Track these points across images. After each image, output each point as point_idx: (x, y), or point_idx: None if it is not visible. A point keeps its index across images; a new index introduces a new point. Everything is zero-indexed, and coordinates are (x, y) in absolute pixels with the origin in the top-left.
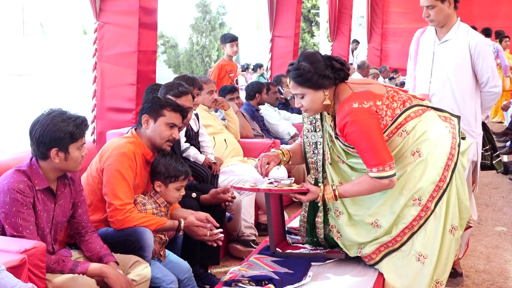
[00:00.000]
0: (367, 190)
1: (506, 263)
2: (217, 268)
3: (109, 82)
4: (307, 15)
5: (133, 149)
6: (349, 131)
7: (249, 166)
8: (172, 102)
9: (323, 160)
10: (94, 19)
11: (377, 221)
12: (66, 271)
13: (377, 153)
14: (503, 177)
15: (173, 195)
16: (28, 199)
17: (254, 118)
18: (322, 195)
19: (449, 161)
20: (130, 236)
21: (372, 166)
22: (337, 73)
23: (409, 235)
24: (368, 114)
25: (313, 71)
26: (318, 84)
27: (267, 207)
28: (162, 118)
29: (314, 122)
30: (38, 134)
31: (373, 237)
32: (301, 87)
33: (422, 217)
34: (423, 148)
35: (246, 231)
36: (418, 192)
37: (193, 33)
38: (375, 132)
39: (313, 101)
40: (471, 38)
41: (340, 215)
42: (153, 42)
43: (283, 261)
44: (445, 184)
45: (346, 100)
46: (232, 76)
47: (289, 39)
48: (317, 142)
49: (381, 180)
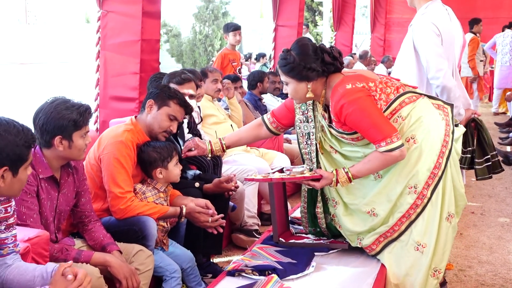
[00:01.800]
0: (380, 166)
1: (509, 254)
2: (220, 257)
3: (112, 71)
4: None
5: (131, 137)
6: (348, 111)
7: (252, 156)
8: (180, 96)
9: (316, 151)
10: (98, 8)
11: (373, 210)
12: (70, 260)
13: (380, 127)
14: (506, 168)
15: (175, 173)
16: (32, 187)
17: (257, 107)
18: (335, 179)
19: (444, 148)
20: (133, 225)
21: (379, 141)
22: (327, 66)
23: (407, 224)
24: (362, 93)
25: (298, 62)
26: (302, 76)
27: (270, 197)
28: (166, 108)
29: (306, 112)
30: (41, 122)
31: (370, 226)
32: (285, 75)
33: (419, 205)
34: (418, 134)
35: (249, 221)
36: (414, 179)
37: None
38: (373, 108)
39: (296, 91)
40: (414, 24)
41: (337, 205)
42: (157, 31)
43: (286, 251)
44: (440, 171)
45: (339, 83)
46: (235, 65)
47: (293, 28)
48: (309, 132)
49: (391, 153)
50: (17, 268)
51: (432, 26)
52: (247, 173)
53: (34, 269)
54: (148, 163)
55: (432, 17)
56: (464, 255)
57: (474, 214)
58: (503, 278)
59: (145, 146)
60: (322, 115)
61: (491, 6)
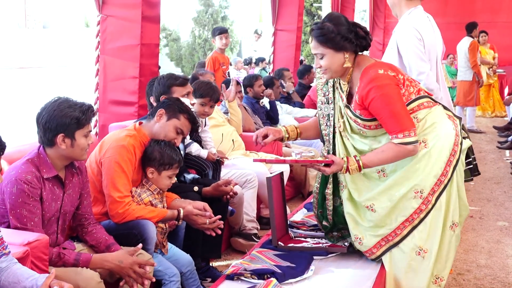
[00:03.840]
0: (391, 158)
1: (507, 258)
2: (219, 261)
3: (112, 75)
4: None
5: (133, 142)
6: (374, 96)
7: (251, 160)
8: (191, 113)
9: (333, 132)
10: (97, 12)
11: (372, 206)
12: (69, 264)
13: (401, 119)
14: (505, 172)
15: (165, 183)
16: (35, 190)
17: (255, 111)
18: (346, 166)
19: (452, 157)
20: (133, 229)
21: (397, 132)
22: (360, 40)
23: (410, 229)
24: (392, 81)
25: (336, 32)
26: (340, 46)
27: (269, 201)
28: (176, 120)
29: (327, 94)
30: (44, 120)
31: (369, 219)
32: (322, 46)
33: (423, 210)
34: (430, 139)
35: (248, 225)
36: (420, 185)
37: (195, 26)
38: (399, 99)
39: (333, 62)
40: (397, 29)
41: (343, 189)
42: (156, 35)
43: (285, 255)
44: (446, 179)
45: (371, 66)
46: (224, 68)
47: (292, 32)
48: (329, 114)
49: (405, 146)
50: (11, 275)
51: (414, 31)
52: (246, 177)
53: (26, 279)
54: (147, 158)
55: (414, 22)
56: (463, 259)
57: (472, 218)
58: (502, 282)
59: (156, 142)
60: (340, 96)
61: (490, 10)
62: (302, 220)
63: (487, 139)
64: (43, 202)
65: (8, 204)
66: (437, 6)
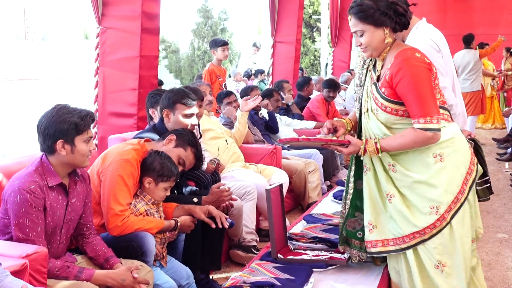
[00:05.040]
0: (410, 143)
1: (507, 270)
2: (218, 273)
3: (111, 87)
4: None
5: (136, 156)
6: (404, 76)
7: (251, 172)
8: (199, 149)
9: (360, 115)
10: (97, 24)
11: (391, 196)
12: (71, 277)
13: (425, 104)
14: (505, 184)
15: (160, 194)
16: (39, 200)
17: (254, 123)
18: (364, 148)
19: (468, 175)
20: (132, 241)
21: (419, 116)
22: (399, 17)
23: (419, 241)
24: (426, 67)
25: (375, 8)
26: (379, 21)
27: (268, 213)
28: (182, 150)
29: (361, 76)
30: (44, 126)
31: (381, 207)
32: (362, 23)
33: (437, 226)
34: (446, 154)
35: (247, 237)
36: (437, 201)
37: (194, 38)
38: (429, 84)
39: (373, 38)
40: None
41: (367, 171)
42: (155, 47)
43: (285, 267)
44: (463, 197)
45: (410, 48)
46: (221, 81)
47: (291, 44)
48: (360, 96)
49: (425, 132)
50: None
51: (432, 42)
52: (245, 189)
53: None
54: (146, 168)
55: (429, 33)
56: None
57: None
58: None
59: (156, 153)
60: (371, 77)
61: (488, 22)
62: (301, 232)
63: (486, 150)
64: (47, 211)
65: (11, 214)
66: (435, 18)
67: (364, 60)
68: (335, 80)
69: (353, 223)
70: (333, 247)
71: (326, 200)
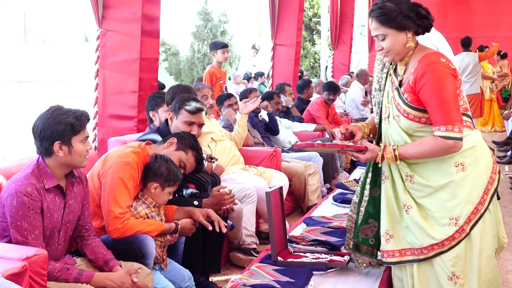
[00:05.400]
0: (429, 151)
1: (507, 273)
2: (218, 276)
3: (111, 89)
4: (308, 24)
5: (137, 159)
6: (428, 81)
7: (250, 174)
8: (200, 152)
9: (380, 120)
10: (97, 27)
11: (409, 207)
12: (71, 280)
13: (448, 111)
14: (505, 187)
15: (165, 198)
16: (36, 202)
17: (254, 125)
18: (381, 154)
19: (489, 185)
20: (132, 244)
21: (441, 123)
22: (421, 20)
23: (437, 253)
24: (451, 73)
25: (397, 11)
26: (402, 25)
27: (268, 215)
28: (183, 153)
29: (381, 80)
30: (39, 129)
31: (398, 217)
32: (384, 27)
33: (456, 238)
34: (468, 163)
35: (247, 240)
36: (456, 212)
37: (194, 40)
38: (452, 91)
39: (395, 42)
40: None
41: (385, 180)
42: (155, 49)
43: (285, 270)
44: (483, 208)
45: (434, 53)
46: (221, 83)
47: (291, 47)
48: (379, 101)
49: (446, 141)
50: None
51: (433, 46)
52: (245, 192)
53: None
54: (152, 173)
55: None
56: None
57: None
58: None
59: (162, 158)
60: (391, 82)
61: (488, 25)
62: (301, 235)
63: None
64: (45, 213)
65: (8, 217)
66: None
67: (384, 63)
68: (335, 83)
69: (366, 229)
70: (333, 250)
71: (326, 203)
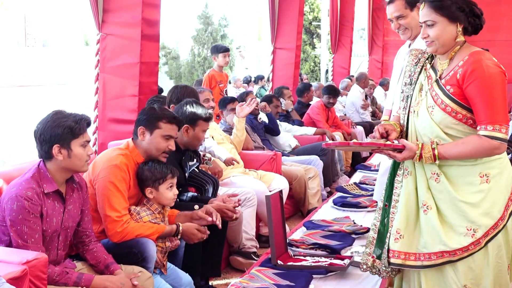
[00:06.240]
0: (472, 151)
1: None
2: (218, 280)
3: (111, 93)
4: (308, 27)
5: (125, 161)
6: (480, 76)
7: (250, 178)
8: (168, 114)
9: (408, 114)
10: (97, 31)
11: (428, 207)
12: (70, 283)
13: (496, 110)
14: None
15: (167, 196)
16: (36, 207)
17: (254, 128)
18: (419, 153)
19: (510, 201)
20: (133, 247)
21: (487, 122)
22: (474, 18)
23: (445, 261)
24: (502, 72)
25: (453, 0)
26: (455, 16)
27: (268, 219)
28: (158, 130)
29: (413, 74)
30: (39, 132)
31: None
32: (436, 13)
33: (470, 250)
34: (493, 174)
35: (247, 243)
36: (476, 223)
37: (194, 44)
38: (502, 90)
39: (443, 33)
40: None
41: (408, 175)
42: (155, 53)
43: (285, 273)
44: (502, 223)
45: (484, 52)
46: (222, 86)
47: (291, 51)
48: (408, 95)
49: (491, 141)
50: None
51: None
52: (245, 195)
53: None
54: (140, 180)
55: None
56: None
57: None
58: None
59: (143, 164)
60: (427, 76)
61: (489, 28)
62: (301, 239)
63: None
64: (44, 218)
65: (8, 220)
66: None
67: (419, 58)
68: (335, 86)
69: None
70: (333, 254)
71: (326, 207)
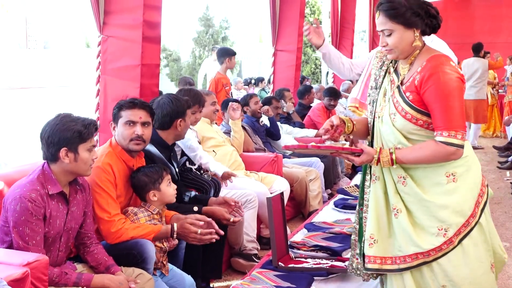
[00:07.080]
0: (428, 157)
1: (509, 278)
2: (219, 282)
3: (112, 95)
4: None
5: (108, 161)
6: (436, 82)
7: (252, 180)
8: (125, 101)
9: (373, 119)
10: (98, 33)
11: (398, 211)
12: (70, 284)
13: (453, 116)
14: (506, 192)
15: (169, 193)
16: (39, 209)
17: (255, 130)
18: (377, 157)
19: (480, 198)
20: (132, 249)
21: (443, 128)
22: (430, 19)
23: (421, 262)
24: (459, 78)
25: (407, 6)
26: (410, 22)
27: (269, 221)
28: (120, 119)
29: (377, 78)
30: (47, 134)
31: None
32: (391, 22)
33: (443, 249)
34: (459, 173)
35: (248, 245)
36: (446, 222)
37: (195, 46)
38: (459, 96)
39: (401, 40)
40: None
41: (376, 180)
42: (157, 55)
43: (286, 275)
44: (474, 221)
45: (444, 55)
46: (227, 89)
47: (292, 53)
48: (374, 100)
49: (447, 147)
50: None
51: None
52: (246, 197)
53: None
54: (140, 188)
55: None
56: None
57: None
58: None
59: (136, 172)
60: (390, 81)
61: (489, 31)
62: (302, 241)
63: (487, 159)
64: (47, 220)
65: (11, 221)
66: None
67: (383, 61)
68: (336, 88)
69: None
70: (334, 255)
71: (327, 209)
